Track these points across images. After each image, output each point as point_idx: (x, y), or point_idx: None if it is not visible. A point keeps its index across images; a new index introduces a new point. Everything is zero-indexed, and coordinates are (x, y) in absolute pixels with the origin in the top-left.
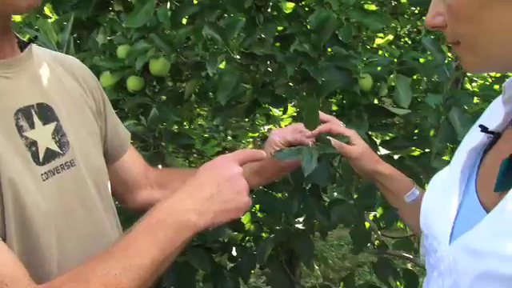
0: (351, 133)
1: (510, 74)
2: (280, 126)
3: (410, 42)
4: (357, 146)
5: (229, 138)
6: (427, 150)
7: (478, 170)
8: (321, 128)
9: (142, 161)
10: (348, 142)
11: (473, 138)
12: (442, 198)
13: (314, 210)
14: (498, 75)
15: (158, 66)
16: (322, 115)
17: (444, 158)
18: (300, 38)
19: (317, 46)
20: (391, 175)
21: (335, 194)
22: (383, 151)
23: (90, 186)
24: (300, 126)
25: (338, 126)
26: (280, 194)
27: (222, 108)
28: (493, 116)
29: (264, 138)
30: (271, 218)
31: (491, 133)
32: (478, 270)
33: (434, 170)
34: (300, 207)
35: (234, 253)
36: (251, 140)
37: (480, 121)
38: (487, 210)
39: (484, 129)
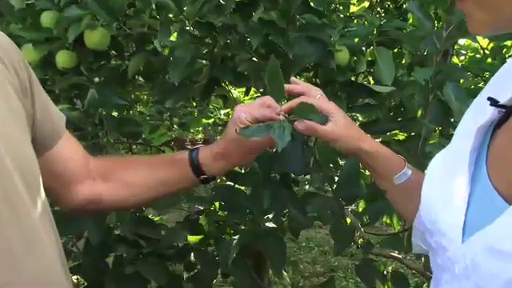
0: (331, 107)
1: None
2: None
3: (392, 7)
4: (335, 126)
5: (175, 126)
6: (414, 134)
7: (487, 151)
8: (291, 103)
9: (80, 148)
10: (324, 122)
11: (479, 115)
12: (445, 187)
13: (288, 205)
14: (492, 46)
15: (95, 37)
16: (295, 82)
17: (432, 141)
18: (265, 4)
19: (285, 13)
20: (378, 153)
21: (307, 187)
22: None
23: (15, 180)
24: (268, 99)
25: (313, 99)
26: (244, 188)
27: (174, 89)
28: (500, 88)
29: (221, 124)
30: (235, 216)
31: (503, 107)
32: (510, 274)
33: (425, 156)
34: (270, 202)
35: (192, 259)
36: (201, 128)
37: (484, 95)
38: (506, 200)
39: (494, 102)
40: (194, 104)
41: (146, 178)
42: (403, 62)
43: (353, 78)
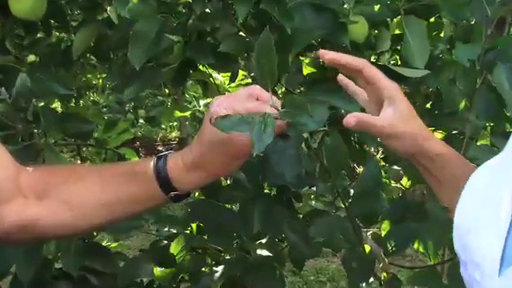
0: (393, 89)
1: None
2: None
3: None
4: (398, 118)
5: (141, 120)
6: (455, 132)
7: None
8: (340, 57)
9: (8, 158)
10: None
11: None
12: (487, 206)
13: (284, 228)
14: None
15: (25, 4)
16: (335, 54)
17: (482, 141)
18: None
19: None
20: (445, 156)
21: (313, 202)
22: None
23: None
24: (257, 88)
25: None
26: (230, 205)
27: (137, 73)
28: None
29: (201, 118)
30: (217, 241)
31: None
32: None
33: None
34: (261, 224)
35: None
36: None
37: None
38: None
39: None
40: (167, 91)
41: (98, 196)
42: (441, 35)
43: (373, 59)
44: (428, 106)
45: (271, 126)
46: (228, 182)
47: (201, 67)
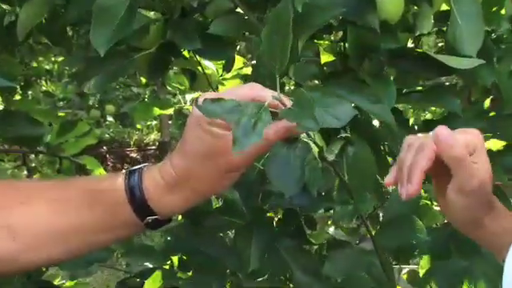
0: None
1: None
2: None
3: None
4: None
5: (109, 118)
6: None
7: None
8: None
9: None
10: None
11: None
12: None
13: (291, 263)
14: None
15: None
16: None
17: None
18: None
19: None
20: (498, 211)
21: (331, 230)
22: None
23: None
24: (256, 86)
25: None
26: (222, 233)
27: (102, 59)
28: None
29: (183, 117)
30: (205, 279)
31: None
32: None
33: None
34: (260, 258)
35: None
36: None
37: None
38: None
39: None
40: (143, 81)
41: (50, 222)
42: (502, 13)
43: (410, 44)
44: (487, 104)
45: (264, 123)
46: (219, 202)
47: (186, 53)
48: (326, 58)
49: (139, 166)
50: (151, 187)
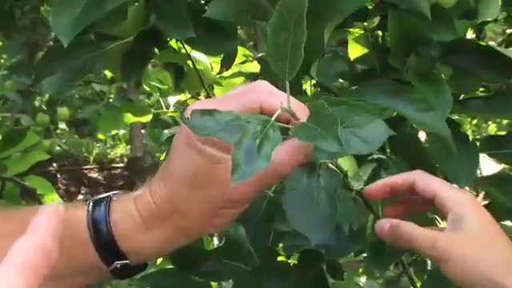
0: (462, 198)
1: None
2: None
3: None
4: (461, 233)
5: (61, 125)
6: None
7: None
8: (390, 181)
9: None
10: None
11: None
12: None
13: None
14: None
15: None
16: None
17: None
18: None
19: None
20: None
21: (363, 279)
22: (489, 165)
23: None
24: (264, 89)
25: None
26: (219, 283)
27: (62, 53)
28: None
29: (162, 125)
30: None
31: None
32: None
33: None
34: None
35: None
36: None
37: None
38: None
39: None
40: (108, 76)
41: None
42: None
43: (469, 35)
44: None
45: (273, 143)
46: (216, 242)
47: (173, 43)
48: (356, 51)
49: (107, 194)
50: (122, 222)
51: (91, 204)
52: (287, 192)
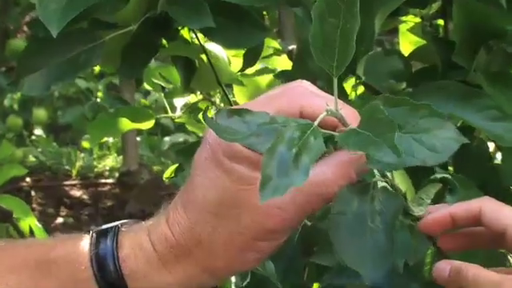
0: None
1: None
2: (226, 100)
3: None
4: None
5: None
6: None
7: None
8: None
9: None
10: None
11: None
12: None
13: None
14: None
15: None
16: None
17: None
18: None
19: None
20: None
21: None
22: None
23: None
24: (306, 90)
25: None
26: None
27: (51, 44)
28: None
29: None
30: None
31: None
32: None
33: None
34: None
35: None
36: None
37: None
38: None
39: None
40: (96, 70)
41: None
42: None
43: None
44: None
45: (313, 154)
46: (233, 280)
47: (185, 32)
48: (410, 44)
49: (114, 224)
50: (133, 258)
51: (95, 236)
52: (334, 217)
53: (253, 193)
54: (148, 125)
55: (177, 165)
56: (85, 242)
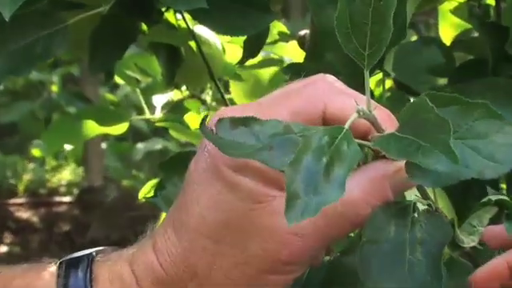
0: None
1: None
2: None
3: None
4: None
5: None
6: None
7: None
8: None
9: None
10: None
11: None
12: None
13: None
14: None
15: None
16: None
17: None
18: None
19: None
20: None
21: None
22: None
23: None
24: (329, 85)
25: None
26: None
27: (4, 30)
28: None
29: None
30: None
31: None
32: None
33: None
34: None
35: None
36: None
37: None
38: None
39: None
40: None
41: None
42: None
43: None
44: None
45: (349, 161)
46: None
47: (170, 15)
48: (452, 30)
49: (87, 252)
50: None
51: (63, 266)
52: (364, 247)
53: (264, 213)
54: (120, 129)
55: (157, 180)
56: (51, 274)
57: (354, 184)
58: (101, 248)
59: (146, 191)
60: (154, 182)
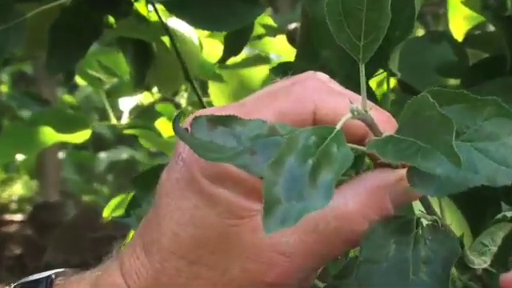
0: None
1: None
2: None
3: None
4: None
5: None
6: None
7: None
8: None
9: None
10: None
11: None
12: None
13: None
14: None
15: None
16: None
17: None
18: None
19: None
20: None
21: None
22: None
23: None
24: (320, 84)
25: None
26: None
27: None
28: None
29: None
30: None
31: None
32: None
33: None
34: None
35: None
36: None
37: None
38: None
39: None
40: None
41: None
42: None
43: None
44: None
45: (339, 166)
46: None
47: (141, 6)
48: (464, 23)
49: (46, 274)
50: None
51: None
52: (362, 267)
53: (245, 230)
54: (81, 137)
55: (128, 196)
56: None
57: (350, 195)
58: (60, 270)
59: (111, 208)
60: (120, 198)
